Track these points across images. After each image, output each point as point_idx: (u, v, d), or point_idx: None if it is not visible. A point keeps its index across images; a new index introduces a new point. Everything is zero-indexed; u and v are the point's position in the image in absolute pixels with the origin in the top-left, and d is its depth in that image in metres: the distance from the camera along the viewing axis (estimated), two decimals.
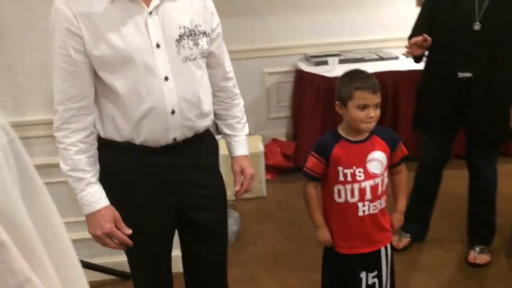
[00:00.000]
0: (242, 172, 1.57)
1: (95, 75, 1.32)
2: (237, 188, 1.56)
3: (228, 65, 1.55)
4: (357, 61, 3.52)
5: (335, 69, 3.30)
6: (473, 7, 1.99)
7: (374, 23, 3.83)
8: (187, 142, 1.41)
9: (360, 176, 1.71)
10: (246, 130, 1.63)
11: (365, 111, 1.67)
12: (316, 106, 3.35)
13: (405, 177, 1.88)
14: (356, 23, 3.79)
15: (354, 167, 1.71)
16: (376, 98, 1.68)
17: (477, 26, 1.99)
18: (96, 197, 1.35)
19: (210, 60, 1.47)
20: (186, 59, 1.34)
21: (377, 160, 1.74)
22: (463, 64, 2.06)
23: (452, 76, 2.10)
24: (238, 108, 1.60)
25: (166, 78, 1.31)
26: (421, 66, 3.29)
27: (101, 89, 1.34)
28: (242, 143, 1.60)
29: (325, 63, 3.44)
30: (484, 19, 1.97)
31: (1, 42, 2.13)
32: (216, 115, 1.56)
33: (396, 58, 3.58)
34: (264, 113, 3.95)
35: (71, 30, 1.25)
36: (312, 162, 1.78)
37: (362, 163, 1.72)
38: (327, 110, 3.35)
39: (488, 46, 2.00)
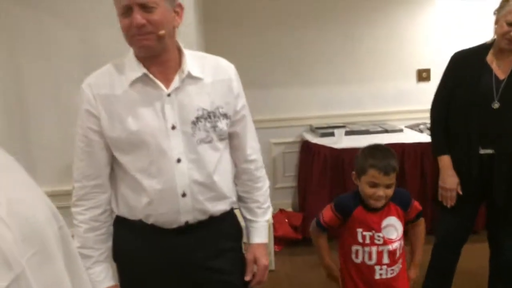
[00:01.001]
0: (255, 261, 1.50)
1: (112, 155, 1.34)
2: (248, 278, 1.50)
3: (251, 147, 1.50)
4: (363, 133, 3.60)
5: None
6: (492, 86, 2.06)
7: (378, 96, 3.97)
8: (201, 224, 1.37)
9: (379, 240, 1.76)
10: (267, 216, 1.56)
11: (375, 189, 1.71)
12: (323, 177, 3.37)
13: (424, 229, 1.93)
14: (360, 96, 3.93)
15: (374, 231, 1.76)
16: (388, 180, 1.71)
17: (496, 105, 2.06)
18: (101, 276, 1.35)
19: (233, 141, 1.46)
20: (201, 142, 1.33)
21: (392, 225, 1.79)
22: (484, 140, 2.09)
23: (474, 152, 2.12)
24: (261, 192, 1.54)
25: (179, 160, 1.31)
26: (426, 138, 3.39)
27: (116, 168, 1.36)
28: (260, 230, 1.53)
29: (330, 134, 3.51)
30: (502, 97, 2.04)
31: (23, 117, 2.20)
32: (238, 197, 1.53)
33: (401, 130, 3.66)
34: (271, 183, 3.95)
35: (90, 111, 1.30)
36: (329, 215, 1.81)
37: (379, 228, 1.76)
38: (334, 181, 3.37)
39: (508, 123, 2.05)
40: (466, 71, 2.14)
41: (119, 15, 1.25)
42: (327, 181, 3.37)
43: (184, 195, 1.31)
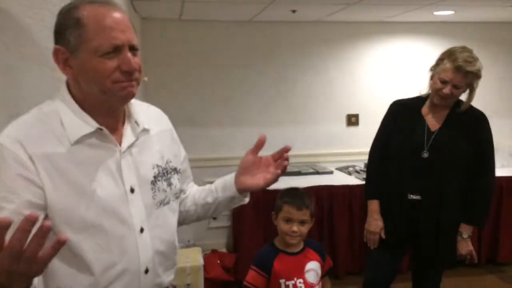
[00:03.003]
0: (255, 162, 1.25)
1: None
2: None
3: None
4: (295, 174, 3.69)
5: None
6: (423, 136, 2.21)
7: (310, 139, 4.11)
8: None
9: (301, 287, 1.79)
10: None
11: (289, 224, 1.82)
12: (257, 218, 3.39)
13: None
14: (293, 138, 4.04)
15: (295, 278, 1.80)
16: (301, 215, 1.83)
17: (425, 154, 2.19)
18: None
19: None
20: (160, 204, 1.16)
21: (313, 270, 1.86)
22: (413, 187, 2.22)
23: (404, 197, 2.24)
24: (195, 186, 1.40)
25: (142, 230, 1.11)
26: (355, 181, 3.54)
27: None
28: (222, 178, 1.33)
29: None
30: (431, 148, 2.19)
31: None
32: (195, 205, 1.34)
33: (331, 172, 3.80)
34: (204, 222, 3.92)
35: (27, 177, 0.99)
36: (252, 275, 1.83)
37: (301, 274, 1.82)
38: (268, 222, 3.37)
39: (435, 172, 2.19)
40: (402, 120, 2.29)
41: (99, 55, 1.00)
42: (260, 222, 3.39)
43: (147, 271, 1.13)
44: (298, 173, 3.72)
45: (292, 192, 1.90)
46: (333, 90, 4.15)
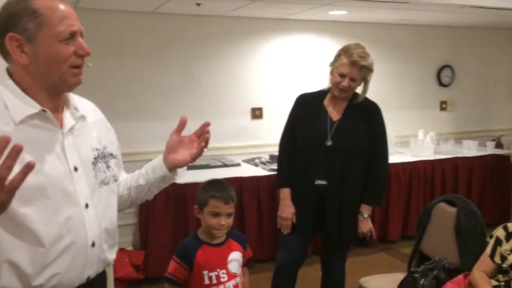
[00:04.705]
0: (180, 141, 1.38)
1: None
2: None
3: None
4: (203, 168, 3.71)
5: (183, 175, 3.41)
6: (326, 126, 2.39)
7: (217, 132, 4.10)
8: (99, 278, 1.27)
9: (224, 278, 1.82)
10: None
11: (217, 218, 1.82)
12: (166, 213, 3.36)
13: (248, 280, 2.01)
14: None
15: (218, 269, 1.82)
16: (228, 208, 1.85)
17: (329, 142, 2.37)
18: None
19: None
20: (102, 183, 1.25)
21: (236, 260, 1.89)
22: (319, 173, 2.38)
23: (311, 183, 2.40)
24: (125, 174, 1.49)
25: (87, 206, 1.19)
26: (262, 172, 3.67)
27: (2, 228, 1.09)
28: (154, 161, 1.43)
29: None
30: (334, 136, 2.37)
31: None
32: (130, 189, 1.43)
33: (238, 164, 3.89)
34: None
35: None
36: (174, 267, 1.82)
37: (224, 265, 1.84)
38: (178, 216, 3.38)
39: (338, 158, 2.37)
40: (307, 112, 2.45)
41: (59, 40, 1.13)
42: (170, 216, 3.36)
43: (93, 244, 1.20)
44: (207, 166, 3.75)
45: (218, 186, 1.88)
46: (237, 84, 4.23)
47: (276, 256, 2.61)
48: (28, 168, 0.91)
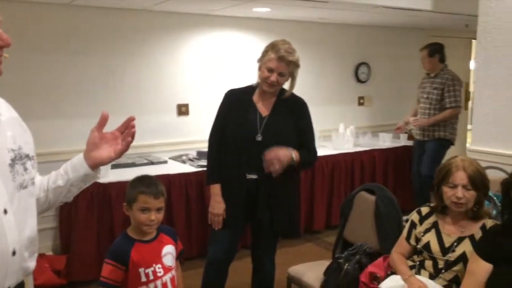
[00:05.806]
0: (102, 137, 1.36)
1: None
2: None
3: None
4: (129, 166, 3.61)
5: (108, 175, 3.29)
6: (256, 121, 2.42)
7: (142, 129, 3.99)
8: None
9: (160, 272, 1.82)
10: None
11: (147, 214, 1.81)
12: (90, 214, 3.22)
13: (181, 274, 2.03)
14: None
15: (154, 265, 1.81)
16: (158, 203, 1.84)
17: (259, 137, 2.40)
18: None
19: None
20: (20, 187, 1.17)
21: (170, 253, 1.90)
22: (250, 167, 2.41)
23: (242, 177, 2.42)
24: (39, 176, 1.40)
25: (5, 211, 1.10)
26: (189, 169, 3.64)
27: None
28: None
29: None
30: (264, 131, 2.41)
31: None
32: (49, 191, 1.36)
33: (165, 162, 3.82)
34: None
35: None
36: (109, 269, 1.78)
37: (159, 260, 1.84)
38: (102, 217, 3.26)
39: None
40: (237, 108, 2.47)
41: None
42: (94, 218, 3.23)
43: (14, 253, 1.12)
44: (133, 165, 3.65)
45: (147, 181, 1.86)
46: (162, 80, 4.15)
47: (208, 251, 2.61)
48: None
